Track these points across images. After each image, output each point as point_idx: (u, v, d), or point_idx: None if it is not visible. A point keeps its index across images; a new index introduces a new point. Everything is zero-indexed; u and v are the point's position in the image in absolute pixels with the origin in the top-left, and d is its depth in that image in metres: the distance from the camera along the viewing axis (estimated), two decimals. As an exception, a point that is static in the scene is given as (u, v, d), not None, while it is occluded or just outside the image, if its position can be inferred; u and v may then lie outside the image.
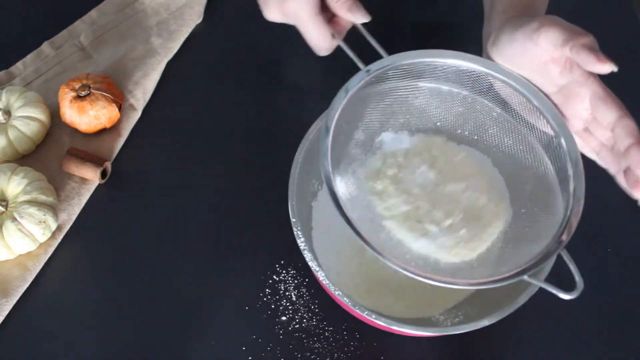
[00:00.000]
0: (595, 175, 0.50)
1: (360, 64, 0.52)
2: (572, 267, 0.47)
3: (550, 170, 0.52)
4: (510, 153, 0.56)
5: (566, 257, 0.48)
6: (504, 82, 0.51)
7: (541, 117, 0.51)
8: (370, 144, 0.56)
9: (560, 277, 0.48)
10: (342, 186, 0.51)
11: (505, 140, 0.56)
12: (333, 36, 0.52)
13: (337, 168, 0.51)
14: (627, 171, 0.44)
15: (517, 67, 0.50)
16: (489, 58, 0.52)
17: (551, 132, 0.50)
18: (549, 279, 0.49)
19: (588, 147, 0.49)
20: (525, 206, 0.55)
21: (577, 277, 0.46)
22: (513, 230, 0.55)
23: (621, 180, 0.46)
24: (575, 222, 0.48)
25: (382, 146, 0.57)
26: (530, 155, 0.54)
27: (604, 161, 0.48)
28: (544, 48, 0.46)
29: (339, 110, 0.50)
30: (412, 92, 0.55)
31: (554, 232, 0.48)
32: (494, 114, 0.55)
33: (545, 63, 0.48)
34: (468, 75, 0.53)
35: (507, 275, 0.47)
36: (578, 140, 0.50)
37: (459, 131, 0.58)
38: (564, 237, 0.47)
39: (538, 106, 0.50)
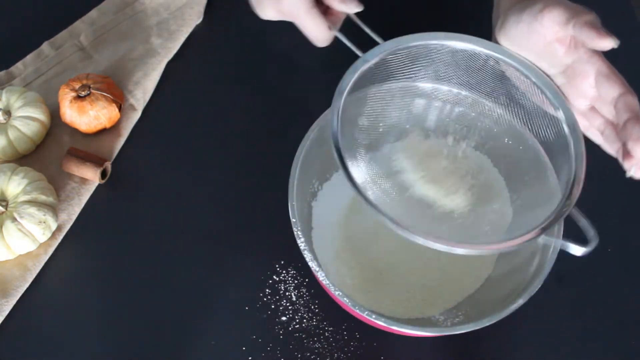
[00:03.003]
0: (595, 176, 0.50)
1: (358, 52, 0.53)
2: (586, 222, 0.47)
3: (539, 147, 0.54)
4: (501, 129, 0.57)
5: (579, 214, 0.48)
6: (498, 59, 0.52)
7: (537, 90, 0.52)
8: (375, 131, 0.57)
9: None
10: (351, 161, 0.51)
11: (496, 118, 0.57)
12: (329, 27, 0.53)
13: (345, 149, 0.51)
14: (623, 147, 0.46)
15: (523, 48, 0.51)
16: (497, 41, 0.53)
17: (547, 103, 0.51)
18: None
19: (593, 128, 0.50)
20: (522, 180, 0.57)
21: (592, 232, 0.47)
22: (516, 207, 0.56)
23: (620, 158, 0.47)
24: (581, 177, 0.48)
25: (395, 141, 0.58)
26: (519, 132, 0.56)
27: (607, 140, 0.49)
28: (549, 28, 0.48)
29: (345, 94, 0.51)
30: (411, 89, 0.56)
31: (563, 192, 0.49)
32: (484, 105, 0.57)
33: (551, 43, 0.49)
34: (462, 54, 0.54)
35: (524, 236, 0.47)
36: (583, 122, 0.51)
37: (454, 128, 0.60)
38: (575, 192, 0.48)
39: (535, 81, 0.52)
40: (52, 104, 0.69)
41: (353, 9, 0.52)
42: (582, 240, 0.47)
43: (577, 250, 0.47)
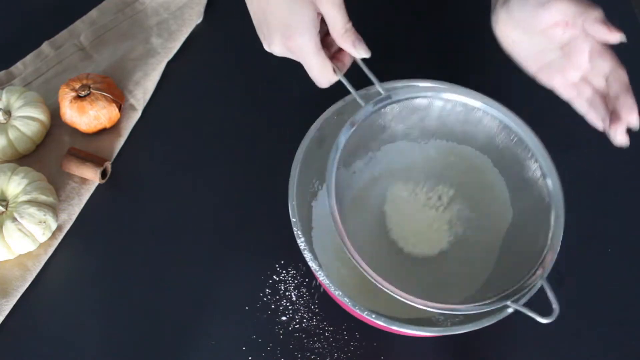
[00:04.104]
0: (596, 176, 0.50)
1: (359, 99, 0.55)
2: (550, 295, 0.49)
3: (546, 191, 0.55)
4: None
5: (545, 286, 0.50)
6: (496, 117, 0.56)
7: (531, 157, 0.55)
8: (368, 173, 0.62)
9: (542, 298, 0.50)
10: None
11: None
12: (334, 71, 0.54)
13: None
14: (612, 114, 0.49)
15: (524, 29, 0.52)
16: (497, 18, 0.53)
17: (539, 173, 0.55)
18: (532, 300, 0.51)
19: (581, 99, 0.52)
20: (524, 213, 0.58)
21: (555, 305, 0.49)
22: (509, 238, 0.58)
23: (607, 128, 0.50)
24: (549, 261, 0.51)
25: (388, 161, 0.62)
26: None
27: (595, 109, 0.51)
28: (555, 17, 0.49)
29: (344, 142, 0.54)
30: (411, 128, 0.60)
31: (535, 264, 0.51)
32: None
33: (552, 27, 0.50)
34: (461, 108, 0.57)
35: (490, 301, 0.51)
36: (572, 92, 0.52)
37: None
38: (539, 272, 0.51)
39: (530, 147, 0.55)
40: (52, 104, 0.69)
41: (362, 54, 0.53)
42: (544, 309, 0.49)
43: (540, 319, 0.48)
